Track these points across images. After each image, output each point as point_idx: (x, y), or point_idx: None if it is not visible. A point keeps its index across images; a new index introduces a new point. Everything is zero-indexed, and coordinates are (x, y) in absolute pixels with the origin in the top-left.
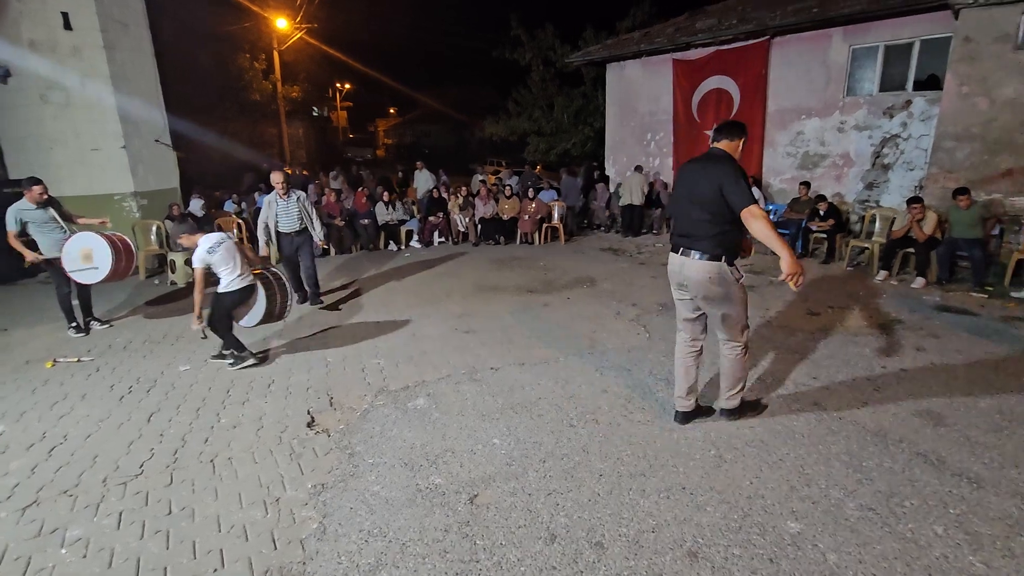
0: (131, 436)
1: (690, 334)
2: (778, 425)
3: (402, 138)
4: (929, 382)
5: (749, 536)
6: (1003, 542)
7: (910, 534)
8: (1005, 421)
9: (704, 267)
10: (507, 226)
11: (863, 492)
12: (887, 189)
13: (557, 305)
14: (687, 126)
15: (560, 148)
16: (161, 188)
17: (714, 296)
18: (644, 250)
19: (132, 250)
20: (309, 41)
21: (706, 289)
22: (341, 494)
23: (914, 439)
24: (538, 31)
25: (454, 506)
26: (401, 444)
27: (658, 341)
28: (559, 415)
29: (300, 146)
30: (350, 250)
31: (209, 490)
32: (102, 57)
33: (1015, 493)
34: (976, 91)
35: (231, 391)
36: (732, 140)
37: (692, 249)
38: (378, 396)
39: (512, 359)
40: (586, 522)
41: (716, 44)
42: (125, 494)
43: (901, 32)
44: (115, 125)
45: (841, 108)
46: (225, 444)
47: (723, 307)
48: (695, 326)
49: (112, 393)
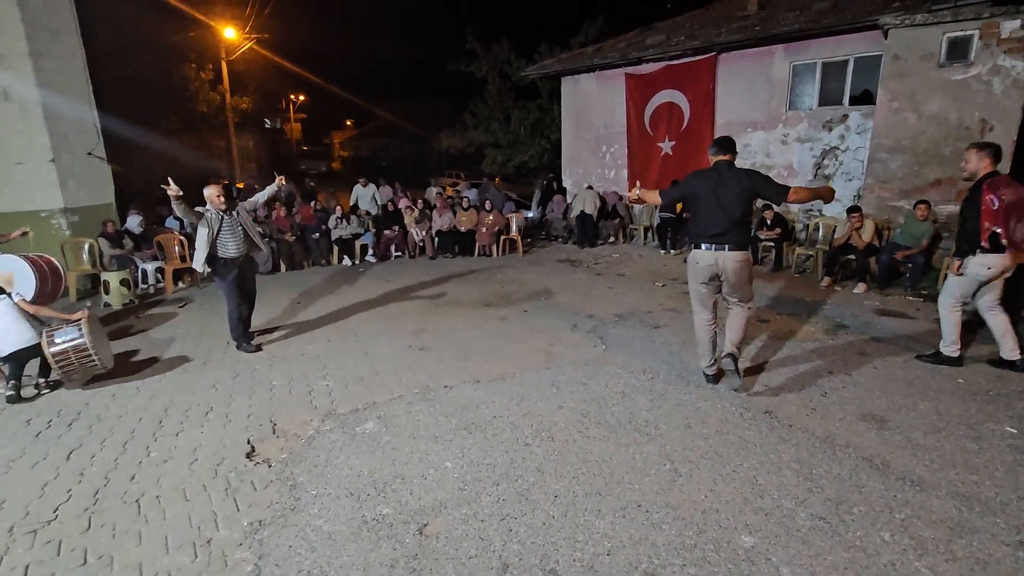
0: (47, 477)
1: (710, 314)
2: (731, 435)
3: (359, 150)
4: (872, 386)
5: (704, 553)
6: (946, 545)
7: (859, 542)
8: (943, 422)
9: (739, 256)
10: (465, 239)
11: (814, 501)
12: None
13: (514, 319)
14: (640, 138)
15: (517, 160)
16: (94, 204)
17: (743, 276)
18: (601, 260)
19: (60, 272)
20: (260, 52)
21: (738, 273)
22: (280, 531)
23: (860, 444)
24: (494, 45)
25: (402, 538)
26: (348, 472)
27: (615, 353)
28: (514, 434)
29: (251, 158)
30: (302, 266)
31: (132, 534)
32: (28, 65)
33: (955, 494)
34: (905, 106)
35: (164, 421)
36: (735, 153)
37: (726, 243)
38: (325, 420)
39: (467, 376)
40: (540, 548)
41: (666, 59)
42: (34, 544)
43: (837, 50)
44: (42, 137)
45: (784, 121)
46: (154, 481)
47: (744, 283)
48: (712, 308)
49: (28, 428)
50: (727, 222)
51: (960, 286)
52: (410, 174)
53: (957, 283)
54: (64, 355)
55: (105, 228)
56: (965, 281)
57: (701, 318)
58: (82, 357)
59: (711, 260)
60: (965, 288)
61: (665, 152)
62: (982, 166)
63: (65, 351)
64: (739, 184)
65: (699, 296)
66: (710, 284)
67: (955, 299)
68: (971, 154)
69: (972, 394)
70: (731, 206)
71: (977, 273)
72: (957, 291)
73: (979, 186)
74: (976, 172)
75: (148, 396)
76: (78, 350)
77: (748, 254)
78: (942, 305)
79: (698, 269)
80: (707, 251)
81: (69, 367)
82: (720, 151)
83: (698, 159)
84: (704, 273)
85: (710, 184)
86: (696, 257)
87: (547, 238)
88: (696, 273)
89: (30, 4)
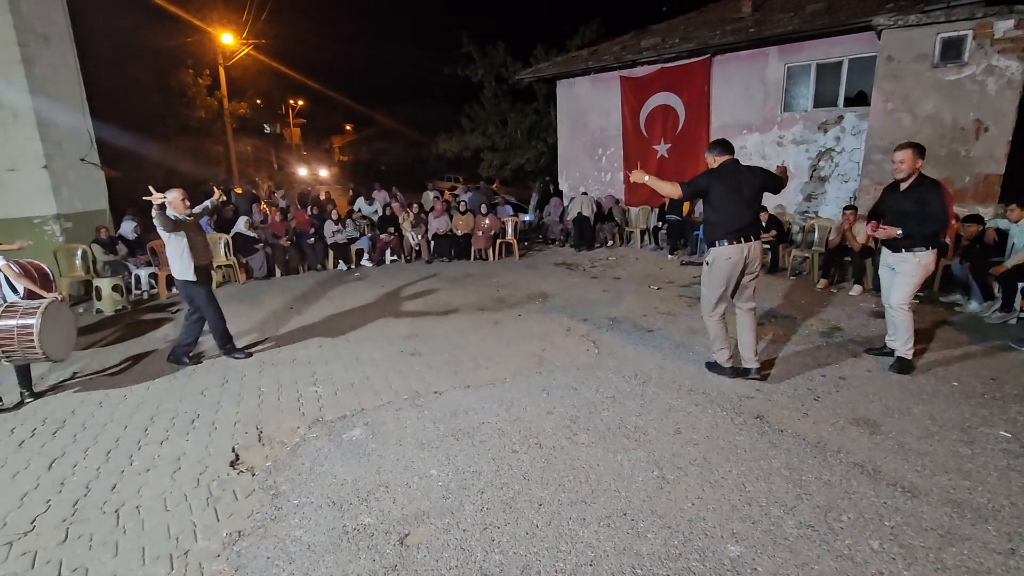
0: (27, 486)
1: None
2: (721, 441)
3: (358, 155)
4: (866, 389)
5: (689, 564)
6: (935, 554)
7: (847, 551)
8: (935, 427)
9: (759, 246)
10: (461, 242)
11: (802, 508)
12: (824, 200)
13: (508, 323)
14: (636, 141)
15: (514, 163)
16: (88, 210)
17: (759, 264)
18: (597, 264)
19: (49, 280)
20: (258, 57)
21: (759, 261)
22: (259, 542)
23: (851, 449)
24: (489, 48)
25: (382, 549)
26: (331, 481)
27: (607, 357)
28: (501, 440)
29: (249, 164)
30: (297, 271)
31: (108, 545)
32: (20, 72)
33: (946, 501)
34: (900, 107)
35: (149, 429)
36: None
37: (752, 235)
38: (312, 428)
39: (458, 382)
40: (522, 558)
41: (661, 62)
42: (9, 556)
43: (831, 51)
44: (35, 144)
45: (779, 123)
46: (135, 491)
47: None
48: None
49: (12, 437)
50: (751, 216)
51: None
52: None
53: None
54: (7, 333)
55: (99, 234)
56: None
57: (717, 313)
58: (26, 342)
59: (743, 253)
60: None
61: (661, 155)
62: (918, 166)
63: (10, 329)
64: (755, 179)
65: (720, 295)
66: (731, 280)
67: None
68: (907, 154)
69: (967, 397)
70: (753, 201)
71: (929, 269)
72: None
73: (937, 184)
74: (913, 172)
75: (135, 404)
76: (23, 332)
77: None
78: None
79: (729, 265)
80: (738, 245)
81: (9, 348)
82: (725, 151)
83: (694, 161)
84: (736, 268)
85: (733, 181)
86: (726, 253)
87: (544, 241)
88: (725, 270)
89: (22, 11)
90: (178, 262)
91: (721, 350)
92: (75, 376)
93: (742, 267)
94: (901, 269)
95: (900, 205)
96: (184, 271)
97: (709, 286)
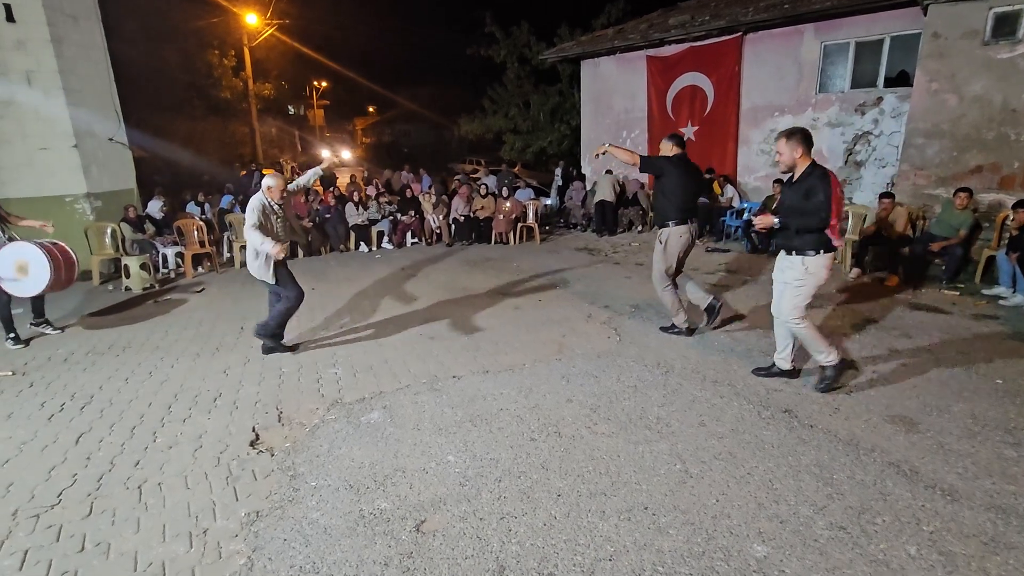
0: (55, 460)
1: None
2: (748, 435)
3: (381, 137)
4: (902, 385)
5: (712, 563)
6: (978, 562)
7: (882, 555)
8: (979, 426)
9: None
10: (482, 226)
11: (833, 508)
12: (860, 186)
13: (528, 308)
14: (662, 123)
15: (536, 146)
16: (116, 189)
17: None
18: (620, 249)
19: (73, 261)
20: (281, 38)
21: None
22: (276, 523)
23: (887, 447)
24: (513, 28)
25: (398, 535)
26: (349, 464)
27: (628, 345)
28: (520, 427)
29: (274, 144)
30: (319, 252)
31: (131, 521)
32: (49, 52)
33: (990, 506)
34: (945, 88)
35: (172, 407)
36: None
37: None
38: (331, 409)
39: (477, 367)
40: (539, 550)
41: (689, 40)
42: (36, 528)
43: (872, 28)
44: (65, 123)
45: (814, 105)
46: (157, 467)
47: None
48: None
49: (42, 411)
50: (695, 202)
51: (808, 292)
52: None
53: (805, 290)
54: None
55: (127, 213)
56: (811, 286)
57: (668, 283)
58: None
59: (691, 232)
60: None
61: (688, 138)
62: (798, 155)
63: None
64: (698, 173)
65: (670, 267)
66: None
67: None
68: (781, 144)
69: (1011, 396)
70: (699, 189)
71: (820, 277)
72: (805, 299)
73: (826, 174)
74: (794, 163)
75: (159, 381)
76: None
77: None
78: (794, 320)
79: (681, 242)
80: (687, 225)
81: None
82: (679, 145)
83: (722, 145)
84: (686, 245)
85: (685, 171)
86: (679, 231)
87: (565, 226)
88: (678, 246)
89: None
90: (263, 249)
91: (679, 313)
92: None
93: (690, 244)
94: (786, 277)
95: (790, 199)
96: (266, 266)
97: (662, 261)
